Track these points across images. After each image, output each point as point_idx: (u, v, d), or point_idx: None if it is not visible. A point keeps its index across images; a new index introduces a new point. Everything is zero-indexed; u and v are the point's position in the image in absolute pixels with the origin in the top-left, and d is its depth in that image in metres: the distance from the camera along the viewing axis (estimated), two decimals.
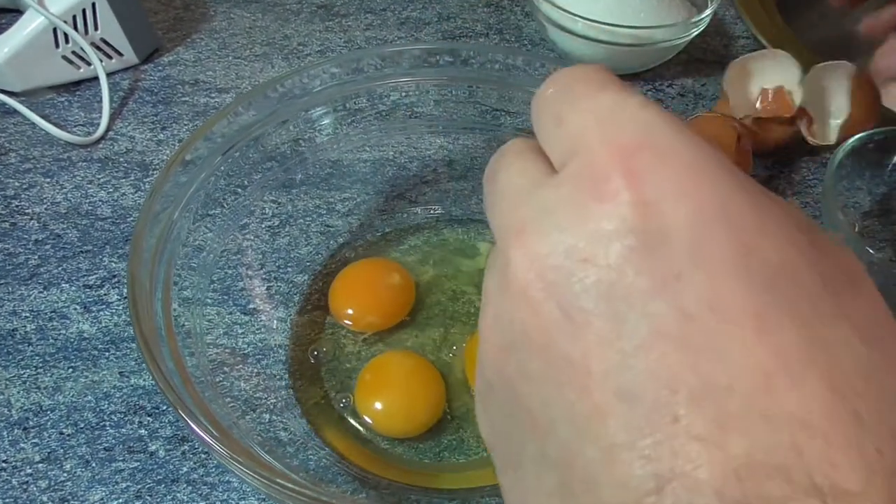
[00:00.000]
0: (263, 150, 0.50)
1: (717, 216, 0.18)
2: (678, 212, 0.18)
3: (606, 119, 0.20)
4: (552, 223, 0.20)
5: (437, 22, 0.74)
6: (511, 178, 0.23)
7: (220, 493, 0.43)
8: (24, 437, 0.45)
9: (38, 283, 0.52)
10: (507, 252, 0.21)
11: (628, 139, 0.19)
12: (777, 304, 0.17)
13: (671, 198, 0.18)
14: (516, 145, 0.24)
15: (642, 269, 0.18)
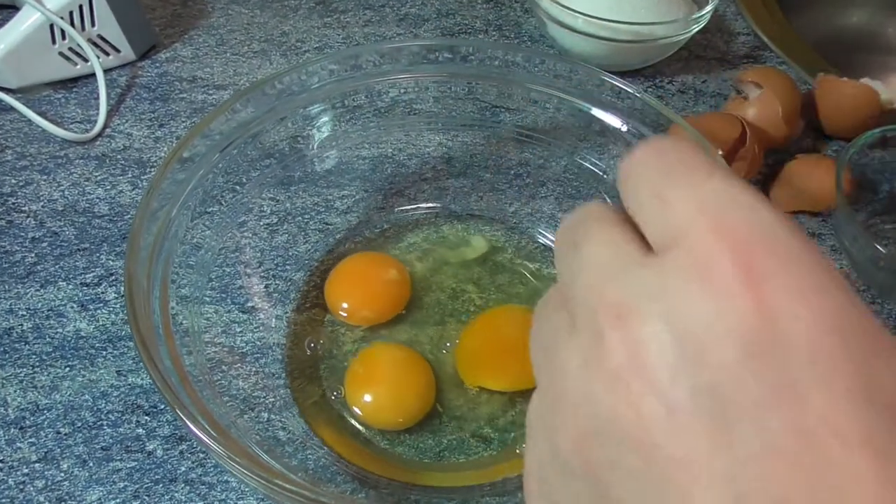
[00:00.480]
0: (262, 147, 0.50)
1: (836, 331, 0.18)
2: (798, 321, 0.17)
3: (719, 210, 0.19)
4: (658, 310, 0.19)
5: (436, 18, 0.74)
6: (600, 249, 0.21)
7: (218, 493, 0.43)
8: (20, 436, 0.45)
9: (34, 281, 0.52)
10: (602, 332, 0.19)
11: (746, 235, 0.19)
12: (889, 430, 0.17)
13: (791, 305, 0.18)
14: (598, 212, 0.23)
15: (758, 376, 0.17)
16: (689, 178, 0.20)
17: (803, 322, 0.17)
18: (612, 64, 0.67)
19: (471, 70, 0.52)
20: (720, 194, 0.20)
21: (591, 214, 0.23)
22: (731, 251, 0.18)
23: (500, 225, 0.56)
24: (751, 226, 0.19)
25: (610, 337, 0.19)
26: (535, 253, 0.54)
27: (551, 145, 0.54)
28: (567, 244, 0.23)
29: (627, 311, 0.19)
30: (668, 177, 0.21)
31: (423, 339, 0.49)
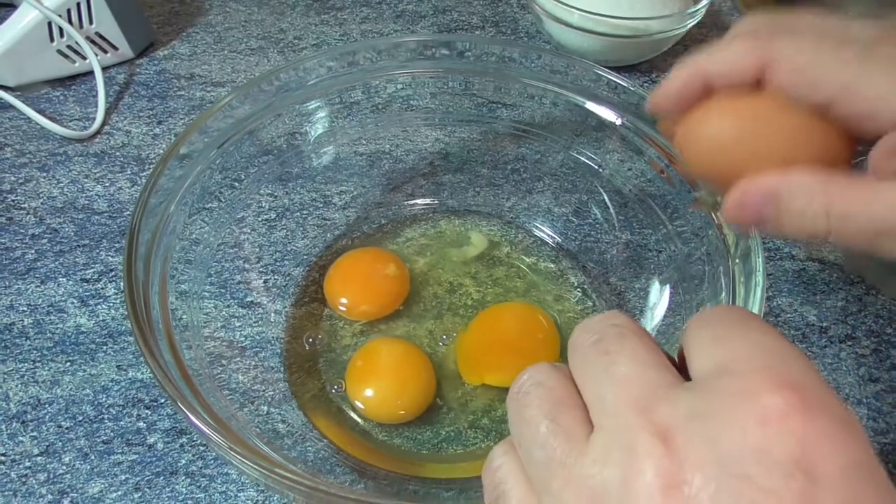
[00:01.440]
0: (259, 143, 0.50)
1: (866, 475, 0.19)
2: (835, 461, 0.19)
3: (767, 353, 0.21)
4: (705, 431, 0.20)
5: (433, 15, 0.74)
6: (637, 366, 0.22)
7: (218, 485, 0.43)
8: (22, 430, 0.45)
9: (35, 278, 0.52)
10: (645, 451, 0.20)
11: (788, 376, 0.20)
12: None
13: (830, 445, 0.19)
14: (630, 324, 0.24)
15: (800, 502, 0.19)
16: (744, 329, 0.23)
17: (839, 463, 0.19)
18: (608, 59, 0.67)
19: (467, 66, 0.52)
20: (772, 343, 0.22)
21: (628, 327, 0.24)
22: (778, 386, 0.20)
23: (497, 220, 0.56)
24: (798, 370, 0.21)
25: (654, 455, 0.20)
26: (532, 247, 0.54)
27: (548, 140, 0.54)
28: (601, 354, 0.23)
29: (672, 429, 0.20)
30: (727, 326, 0.23)
31: (421, 334, 0.50)
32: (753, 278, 0.38)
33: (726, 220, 0.31)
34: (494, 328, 0.50)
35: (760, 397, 0.20)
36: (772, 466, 0.19)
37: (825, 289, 0.53)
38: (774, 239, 0.56)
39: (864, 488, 0.19)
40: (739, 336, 0.22)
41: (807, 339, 0.50)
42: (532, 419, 0.23)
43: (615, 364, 0.23)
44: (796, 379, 0.20)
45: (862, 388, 0.48)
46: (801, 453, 0.19)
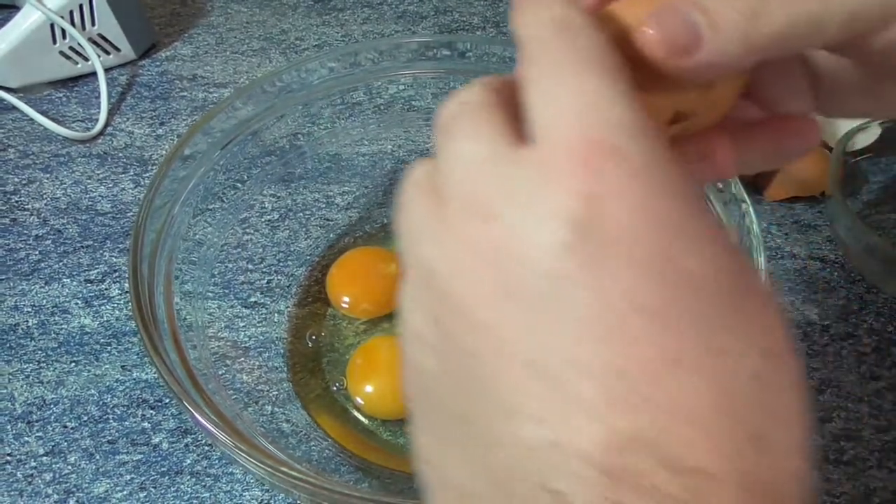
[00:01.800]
0: (262, 144, 0.50)
1: (652, 219, 0.20)
2: (621, 211, 0.19)
3: (584, 107, 0.21)
4: (509, 206, 0.20)
5: (434, 15, 0.74)
6: (470, 144, 0.23)
7: (223, 485, 0.43)
8: (28, 430, 0.45)
9: (39, 278, 0.52)
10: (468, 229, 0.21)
11: (595, 133, 0.20)
12: (686, 310, 0.19)
13: (616, 196, 0.19)
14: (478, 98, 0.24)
15: (576, 256, 0.19)
16: (575, 72, 0.22)
17: (624, 211, 0.19)
18: None
19: (469, 66, 0.53)
20: (593, 93, 0.21)
21: (470, 104, 0.24)
22: (582, 147, 0.20)
23: None
24: (605, 124, 0.20)
25: (463, 231, 0.21)
26: None
27: None
28: (444, 130, 0.24)
29: (490, 210, 0.21)
30: (557, 67, 0.22)
31: None
32: None
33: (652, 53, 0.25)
34: None
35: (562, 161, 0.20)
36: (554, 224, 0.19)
37: (826, 287, 0.53)
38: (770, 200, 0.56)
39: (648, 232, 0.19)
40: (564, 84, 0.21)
41: (808, 338, 0.50)
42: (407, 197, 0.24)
43: (453, 146, 0.23)
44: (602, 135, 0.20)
45: (863, 386, 0.48)
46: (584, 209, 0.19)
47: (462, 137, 0.23)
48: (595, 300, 0.19)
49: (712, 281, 0.20)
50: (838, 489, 0.44)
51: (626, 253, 0.19)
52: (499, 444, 0.20)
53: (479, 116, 0.23)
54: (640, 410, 0.18)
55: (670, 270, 0.19)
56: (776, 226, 0.56)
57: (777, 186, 0.57)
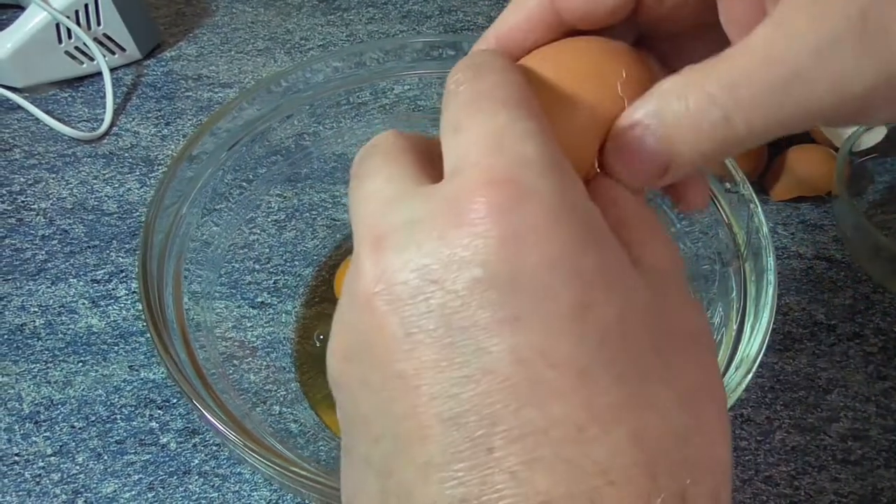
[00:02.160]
0: (268, 144, 0.50)
1: (565, 266, 0.19)
2: (530, 255, 0.19)
3: (491, 144, 0.20)
4: (411, 240, 0.20)
5: (439, 15, 0.74)
6: (377, 183, 0.22)
7: (231, 485, 0.43)
8: (35, 430, 0.45)
9: (45, 279, 0.52)
10: (361, 260, 0.20)
11: (502, 172, 0.20)
12: (602, 362, 0.19)
13: (527, 240, 0.19)
14: (387, 143, 0.24)
15: (485, 304, 0.19)
16: (485, 110, 0.21)
17: (534, 256, 0.19)
18: None
19: None
20: (502, 130, 0.20)
21: (380, 147, 0.24)
22: (486, 189, 0.19)
23: None
24: (513, 161, 0.20)
25: (365, 264, 0.20)
26: None
27: None
28: (353, 175, 0.23)
29: (386, 239, 0.20)
30: (469, 105, 0.21)
31: None
32: (765, 277, 0.38)
33: None
34: None
35: (465, 199, 0.19)
36: (460, 269, 0.19)
37: (833, 287, 0.53)
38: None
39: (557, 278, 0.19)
40: (473, 123, 0.21)
41: (815, 338, 0.50)
42: None
43: (362, 184, 0.22)
44: (510, 172, 0.19)
45: (871, 386, 0.48)
46: (493, 252, 0.19)
47: (368, 177, 0.22)
48: (507, 354, 0.18)
49: (631, 328, 0.19)
50: (846, 489, 0.44)
51: (538, 306, 0.19)
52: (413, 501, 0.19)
53: (386, 157, 0.23)
54: (562, 472, 0.18)
55: (586, 322, 0.19)
56: (782, 225, 0.56)
57: (782, 186, 0.57)
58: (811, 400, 0.47)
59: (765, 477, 0.44)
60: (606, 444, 0.18)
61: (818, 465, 0.45)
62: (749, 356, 0.36)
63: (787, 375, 0.48)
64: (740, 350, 0.37)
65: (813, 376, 0.48)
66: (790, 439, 0.46)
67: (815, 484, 0.44)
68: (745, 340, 0.37)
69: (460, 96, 0.22)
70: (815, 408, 0.47)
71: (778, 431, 0.46)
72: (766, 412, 0.47)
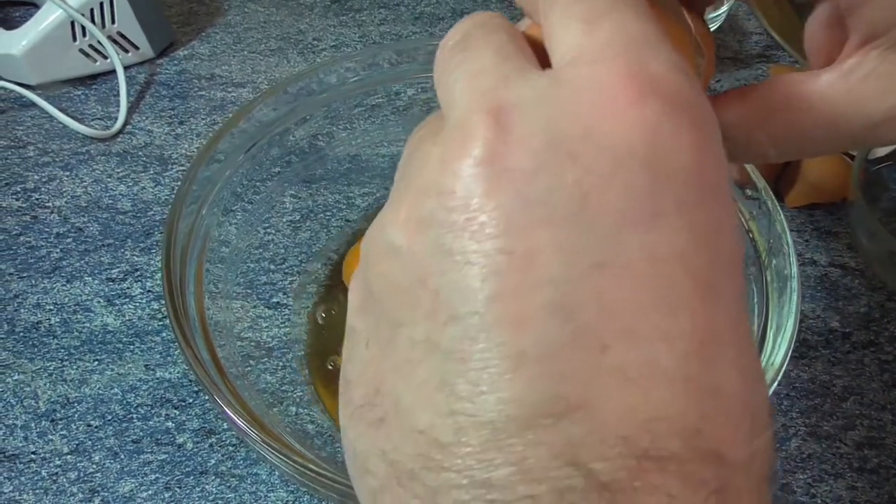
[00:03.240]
0: (284, 146, 0.50)
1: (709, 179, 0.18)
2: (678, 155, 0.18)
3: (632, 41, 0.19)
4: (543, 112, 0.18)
5: (451, 17, 0.74)
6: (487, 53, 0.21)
7: (248, 486, 0.43)
8: (52, 428, 0.45)
9: (60, 277, 0.52)
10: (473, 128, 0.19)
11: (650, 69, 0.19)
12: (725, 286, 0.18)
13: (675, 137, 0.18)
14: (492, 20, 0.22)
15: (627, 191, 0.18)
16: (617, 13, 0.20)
17: (683, 159, 0.18)
18: None
19: None
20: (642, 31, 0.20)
21: (484, 21, 0.22)
22: (629, 76, 0.18)
23: None
24: (657, 63, 0.19)
25: (480, 132, 0.18)
26: None
27: None
28: (451, 49, 0.22)
29: (507, 112, 0.18)
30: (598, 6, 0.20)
31: None
32: (788, 285, 0.38)
33: None
34: None
35: (607, 84, 0.18)
36: (602, 149, 0.17)
37: (847, 295, 0.53)
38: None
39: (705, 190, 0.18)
40: (609, 21, 0.20)
41: (830, 345, 0.50)
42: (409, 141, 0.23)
43: (470, 60, 0.21)
44: (654, 72, 0.19)
45: (886, 394, 0.48)
46: (638, 142, 0.17)
47: (474, 49, 0.21)
48: (644, 250, 0.17)
49: (740, 255, 0.19)
50: (863, 497, 0.44)
51: (682, 208, 0.17)
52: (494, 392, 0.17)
53: (495, 30, 0.21)
54: (680, 390, 0.16)
55: (721, 237, 0.18)
56: (796, 232, 0.57)
57: (797, 193, 0.57)
58: (827, 408, 0.48)
59: (782, 485, 0.44)
60: (724, 370, 0.17)
61: (835, 472, 0.45)
62: (774, 365, 0.35)
63: (803, 383, 0.49)
64: (763, 359, 0.36)
65: (828, 384, 0.49)
66: (806, 447, 0.46)
67: (831, 492, 0.44)
68: (767, 349, 0.37)
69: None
70: (831, 416, 0.47)
71: (794, 439, 0.46)
72: (781, 419, 0.47)
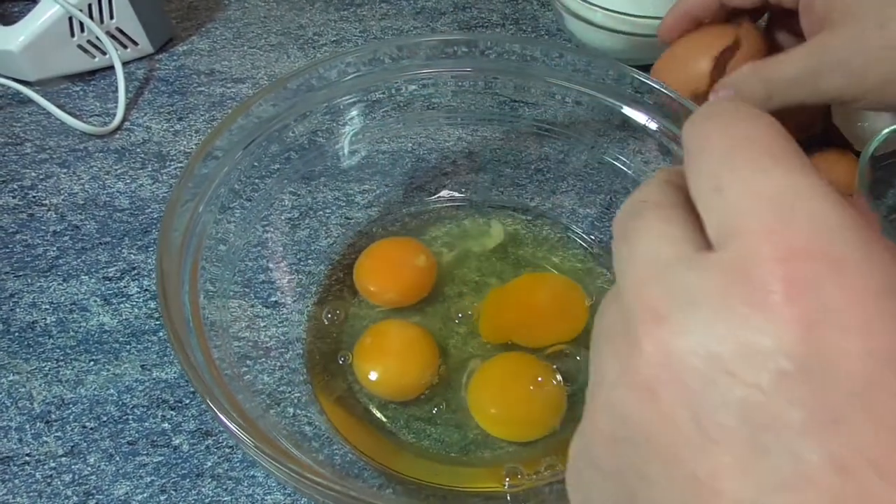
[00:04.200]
0: (283, 142, 0.49)
1: (887, 366, 0.16)
2: (849, 344, 0.16)
3: (777, 207, 0.18)
4: (697, 320, 0.18)
5: (453, 12, 0.73)
6: (650, 244, 0.20)
7: (245, 488, 0.43)
8: (46, 430, 0.45)
9: (57, 275, 0.52)
10: (639, 337, 0.18)
11: (801, 240, 0.17)
12: None
13: (843, 325, 0.16)
14: (655, 196, 0.21)
15: (795, 402, 0.16)
16: (751, 164, 0.19)
17: (854, 346, 0.16)
18: (631, 58, 0.66)
19: (489, 64, 0.52)
20: (784, 191, 0.18)
21: (648, 200, 0.22)
22: (785, 258, 0.17)
23: (521, 218, 0.55)
24: (811, 229, 0.17)
25: (645, 344, 0.18)
26: (558, 246, 0.54)
27: (571, 139, 0.54)
28: (620, 234, 0.22)
29: (665, 316, 0.18)
30: (728, 159, 0.19)
31: (441, 323, 0.49)
32: None
33: None
34: (526, 293, 0.50)
35: (755, 273, 0.17)
36: (761, 360, 0.16)
37: None
38: None
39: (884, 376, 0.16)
40: (744, 178, 0.18)
41: None
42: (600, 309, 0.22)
43: (629, 248, 0.21)
44: (809, 244, 0.17)
45: None
46: (800, 345, 0.16)
47: (638, 236, 0.21)
48: (828, 460, 0.16)
49: None
50: None
51: (859, 405, 0.16)
52: None
53: (658, 212, 0.21)
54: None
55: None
56: None
57: None
58: None
59: None
60: None
61: None
62: None
63: None
64: None
65: None
66: None
67: None
68: None
69: (713, 147, 0.20)
70: None
71: None
72: None
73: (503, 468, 0.44)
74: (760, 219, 0.18)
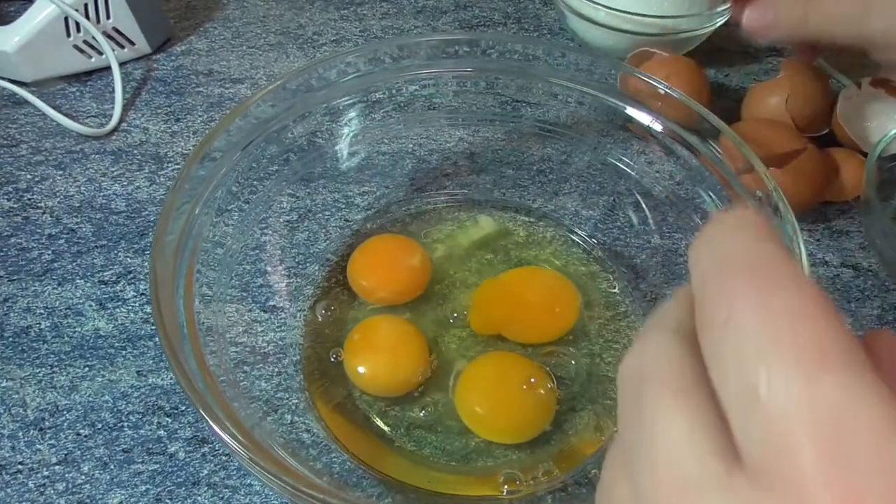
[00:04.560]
0: (282, 143, 0.49)
1: None
2: None
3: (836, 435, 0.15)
4: None
5: (454, 10, 0.73)
6: (673, 449, 0.17)
7: (241, 497, 0.42)
8: (40, 437, 0.44)
9: (52, 279, 0.51)
10: None
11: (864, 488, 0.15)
12: None
13: None
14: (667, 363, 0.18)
15: None
16: (798, 362, 0.16)
17: None
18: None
19: (490, 64, 0.51)
20: (840, 406, 0.15)
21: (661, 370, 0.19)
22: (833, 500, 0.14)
23: (523, 220, 0.55)
24: (877, 479, 0.15)
25: None
26: (562, 250, 0.53)
27: (574, 140, 0.53)
28: (631, 396, 0.19)
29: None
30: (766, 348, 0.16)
31: (435, 321, 0.49)
32: None
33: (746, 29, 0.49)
34: (518, 285, 0.50)
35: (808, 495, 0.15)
36: None
37: (860, 296, 0.52)
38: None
39: None
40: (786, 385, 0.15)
41: None
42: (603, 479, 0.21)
43: (646, 429, 0.18)
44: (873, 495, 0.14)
45: None
46: None
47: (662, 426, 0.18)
48: None
49: None
50: None
51: None
52: None
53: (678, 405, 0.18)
54: None
55: None
56: (807, 232, 0.55)
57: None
58: None
59: None
60: None
61: None
62: None
63: None
64: None
65: None
66: None
67: None
68: None
69: (741, 318, 0.16)
70: None
71: None
72: None
73: (501, 475, 0.43)
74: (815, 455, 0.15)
